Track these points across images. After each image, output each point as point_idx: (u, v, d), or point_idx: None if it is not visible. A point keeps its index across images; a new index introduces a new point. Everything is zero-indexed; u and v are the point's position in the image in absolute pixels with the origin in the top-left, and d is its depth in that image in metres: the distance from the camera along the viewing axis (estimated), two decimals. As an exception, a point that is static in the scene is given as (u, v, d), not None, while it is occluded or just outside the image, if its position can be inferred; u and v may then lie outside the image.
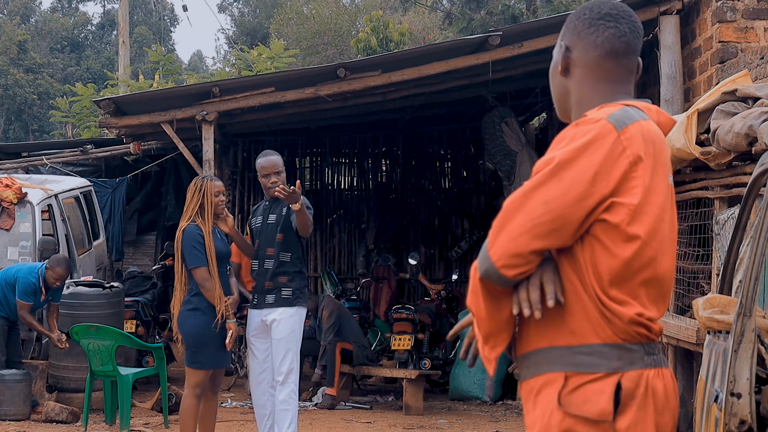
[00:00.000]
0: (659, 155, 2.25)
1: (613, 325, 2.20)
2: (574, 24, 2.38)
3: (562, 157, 2.15)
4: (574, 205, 2.13)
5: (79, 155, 14.26)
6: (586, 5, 2.40)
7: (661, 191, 2.24)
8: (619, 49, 2.37)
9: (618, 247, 2.19)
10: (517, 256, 2.14)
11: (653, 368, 2.23)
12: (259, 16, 40.42)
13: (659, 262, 2.26)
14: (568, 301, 2.22)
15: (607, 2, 2.38)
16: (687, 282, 7.20)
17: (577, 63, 2.36)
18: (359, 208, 15.99)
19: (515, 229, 2.13)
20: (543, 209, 2.12)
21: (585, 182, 2.13)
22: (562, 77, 2.38)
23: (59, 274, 9.06)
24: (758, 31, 8.75)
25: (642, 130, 2.22)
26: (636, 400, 2.18)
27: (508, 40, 9.99)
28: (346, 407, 10.52)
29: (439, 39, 22.70)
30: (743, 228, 4.29)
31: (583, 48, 2.36)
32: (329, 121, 13.53)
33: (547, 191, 2.13)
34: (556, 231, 2.14)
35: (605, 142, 2.16)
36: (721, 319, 3.86)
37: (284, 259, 6.99)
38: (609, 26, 2.35)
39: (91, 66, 41.48)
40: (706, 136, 6.33)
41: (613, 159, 2.15)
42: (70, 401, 9.52)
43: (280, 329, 6.92)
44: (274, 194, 6.77)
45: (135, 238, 15.14)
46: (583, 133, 2.17)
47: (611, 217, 2.18)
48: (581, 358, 2.19)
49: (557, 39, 2.46)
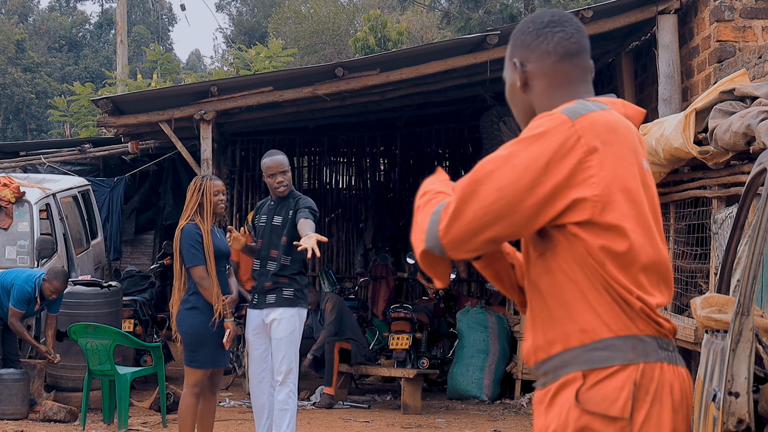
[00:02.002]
0: (625, 142, 2.25)
1: (624, 314, 2.21)
2: (521, 39, 2.41)
3: (516, 146, 2.18)
4: (526, 191, 2.14)
5: (77, 154, 14.25)
6: (526, 20, 2.43)
7: (630, 177, 2.24)
8: (571, 50, 2.38)
9: (601, 239, 2.20)
10: (468, 242, 2.17)
11: (669, 364, 2.24)
12: (257, 16, 40.41)
13: (649, 246, 2.27)
14: (573, 301, 2.23)
15: (546, 11, 2.43)
16: (685, 281, 7.21)
17: (535, 74, 2.38)
18: (357, 207, 16.00)
19: (468, 215, 2.15)
20: (496, 195, 2.14)
21: (537, 169, 2.15)
22: (523, 93, 2.40)
23: (56, 287, 8.98)
24: (756, 31, 8.75)
25: (599, 120, 2.22)
26: (651, 394, 2.19)
27: (506, 40, 9.92)
28: (344, 406, 10.52)
29: (437, 38, 22.70)
30: (741, 227, 4.30)
31: (537, 58, 2.38)
32: (327, 120, 13.53)
33: (501, 178, 2.15)
34: (508, 218, 2.15)
35: (559, 131, 2.18)
36: (719, 318, 3.86)
37: (286, 262, 6.98)
38: (556, 31, 2.38)
39: (89, 65, 41.45)
40: (704, 135, 6.34)
41: (566, 148, 2.17)
42: (68, 400, 9.52)
43: (280, 329, 6.92)
44: (281, 193, 6.75)
45: (133, 237, 15.14)
46: (538, 125, 2.21)
47: (579, 215, 2.19)
48: (596, 354, 2.20)
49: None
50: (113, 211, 14.15)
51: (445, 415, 10.07)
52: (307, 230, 6.63)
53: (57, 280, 8.98)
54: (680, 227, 7.41)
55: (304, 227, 6.69)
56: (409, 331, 10.66)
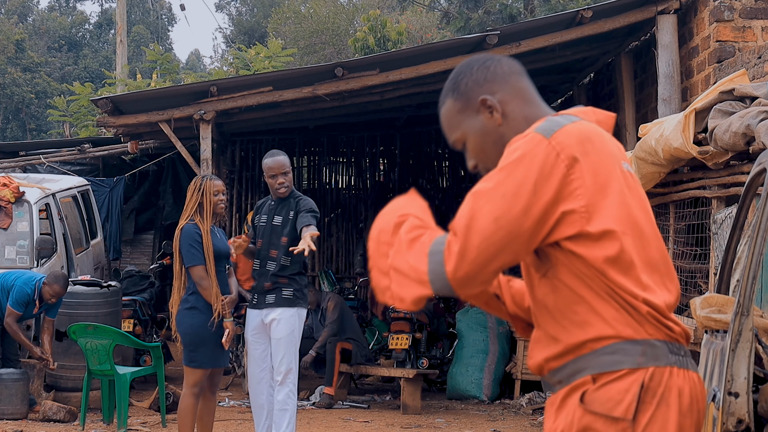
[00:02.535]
0: (602, 149, 2.28)
1: (633, 319, 2.22)
2: (474, 79, 2.43)
3: (500, 174, 2.21)
4: (521, 216, 2.17)
5: (77, 154, 14.25)
6: (463, 68, 2.46)
7: (614, 181, 2.26)
8: (519, 68, 2.46)
9: (596, 248, 2.22)
10: (476, 277, 2.19)
11: (679, 368, 2.24)
12: (257, 15, 40.41)
13: (644, 245, 2.29)
14: (582, 314, 2.25)
15: (471, 58, 2.48)
16: (685, 281, 7.21)
17: (506, 99, 2.41)
18: (357, 207, 16.00)
19: (472, 252, 2.17)
20: (494, 227, 2.17)
21: (527, 193, 2.18)
22: (498, 128, 2.40)
23: (56, 291, 8.95)
24: (756, 31, 8.76)
25: (573, 132, 2.25)
26: (657, 397, 2.19)
27: (506, 40, 10.00)
28: (344, 406, 10.52)
29: (437, 38, 22.69)
30: (741, 227, 4.30)
31: (501, 83, 2.42)
32: (327, 120, 13.53)
33: (494, 209, 2.17)
34: (510, 245, 2.18)
35: (538, 151, 2.21)
36: (718, 319, 3.86)
37: (286, 262, 6.98)
38: (498, 58, 2.45)
39: (88, 65, 41.46)
40: (703, 136, 6.34)
41: (549, 165, 2.19)
42: (67, 400, 9.52)
43: (279, 329, 6.92)
44: (281, 194, 6.74)
45: (132, 237, 15.13)
46: (515, 149, 2.23)
47: (568, 229, 2.22)
48: (606, 358, 2.22)
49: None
50: (113, 211, 14.15)
51: (445, 415, 10.07)
52: (305, 233, 6.67)
53: (57, 285, 8.95)
54: (680, 227, 7.41)
55: (305, 232, 6.72)
56: (408, 331, 10.66)
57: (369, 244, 2.37)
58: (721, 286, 4.30)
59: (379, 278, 2.33)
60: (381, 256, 2.32)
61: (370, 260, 2.36)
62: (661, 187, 7.46)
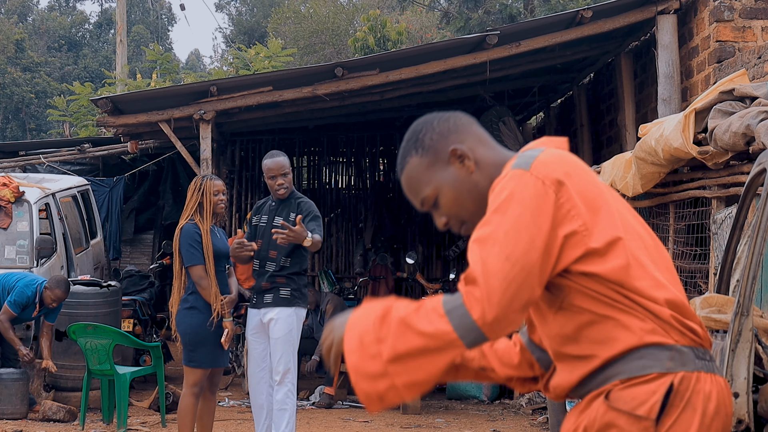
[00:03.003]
0: (579, 167, 2.31)
1: (658, 326, 2.23)
2: (440, 132, 2.41)
3: (495, 216, 2.21)
4: (529, 249, 2.17)
5: (77, 154, 14.25)
6: (421, 126, 2.43)
7: (600, 194, 2.29)
8: (472, 117, 2.47)
9: (607, 261, 2.23)
10: (507, 319, 2.17)
11: (706, 373, 2.25)
12: (257, 15, 40.41)
13: (649, 247, 2.30)
14: (607, 332, 2.24)
15: (424, 117, 2.46)
16: (684, 281, 7.21)
17: (474, 147, 2.41)
18: (357, 207, 15.99)
19: (496, 294, 2.15)
20: (509, 265, 2.16)
21: (528, 226, 2.18)
22: (471, 177, 2.39)
23: (57, 295, 8.93)
24: (756, 31, 8.76)
25: (547, 159, 2.27)
26: (684, 401, 2.20)
27: (506, 40, 10.00)
28: (344, 406, 10.53)
29: (437, 38, 22.70)
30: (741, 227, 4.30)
31: (465, 133, 2.42)
32: (327, 120, 13.53)
33: (503, 248, 2.17)
34: (526, 281, 2.17)
35: (524, 185, 2.22)
36: (718, 319, 3.86)
37: (286, 263, 6.98)
38: (450, 113, 2.45)
39: (88, 65, 41.46)
40: (703, 136, 6.34)
41: (539, 195, 2.21)
42: (67, 400, 9.52)
43: (277, 328, 6.92)
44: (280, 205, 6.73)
45: (132, 237, 15.13)
46: (502, 188, 2.24)
47: (575, 251, 2.23)
48: (633, 364, 2.22)
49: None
50: (113, 211, 14.15)
51: (445, 415, 10.07)
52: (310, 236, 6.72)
53: (59, 289, 8.93)
54: (680, 227, 7.41)
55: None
56: (408, 331, 10.64)
57: (347, 358, 2.19)
58: (721, 286, 4.30)
59: (371, 385, 2.19)
60: (368, 359, 2.18)
61: (352, 377, 2.20)
62: (661, 187, 7.46)
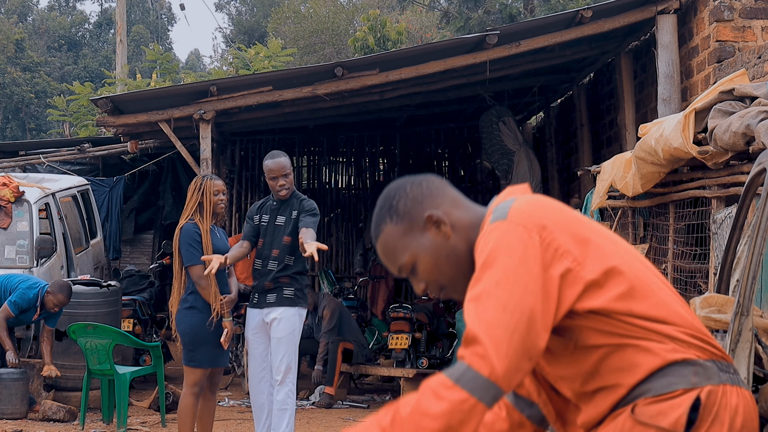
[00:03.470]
0: (555, 206, 2.27)
1: (676, 345, 2.20)
2: (414, 198, 2.34)
3: (485, 272, 2.16)
4: (525, 295, 2.13)
5: (77, 154, 14.25)
6: (393, 191, 2.36)
7: (584, 226, 2.25)
8: (444, 179, 2.41)
9: (608, 291, 2.19)
10: (518, 368, 2.12)
11: (732, 385, 2.22)
12: (257, 15, 40.40)
13: (646, 270, 2.28)
14: (626, 360, 2.21)
15: (395, 182, 2.40)
16: (684, 281, 7.21)
17: (449, 210, 2.35)
18: (357, 207, 16.00)
19: (502, 346, 2.09)
20: (508, 315, 2.11)
21: (518, 273, 2.14)
22: (449, 241, 2.34)
23: (60, 300, 8.90)
24: (756, 30, 8.76)
25: (522, 207, 2.23)
26: (712, 415, 2.17)
27: (506, 39, 10.00)
28: (344, 406, 10.52)
29: (437, 38, 22.69)
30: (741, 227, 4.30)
31: (439, 196, 2.35)
32: (327, 119, 13.54)
33: (498, 300, 2.12)
34: (529, 328, 2.12)
35: (506, 236, 2.18)
36: (718, 319, 3.86)
37: (288, 262, 6.98)
38: (421, 177, 2.39)
39: (88, 65, 41.45)
40: (703, 135, 6.34)
41: (523, 241, 2.17)
42: (67, 400, 9.52)
43: (280, 328, 6.92)
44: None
45: (132, 236, 15.13)
46: (485, 244, 2.20)
47: (574, 289, 2.18)
48: (658, 382, 2.19)
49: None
50: (112, 211, 14.15)
51: (445, 414, 10.06)
52: (308, 239, 6.66)
53: (62, 294, 8.91)
54: (680, 227, 7.41)
55: (306, 236, 6.71)
56: (408, 331, 10.66)
57: None
58: (720, 286, 4.30)
59: None
60: None
61: None
62: (661, 187, 7.46)
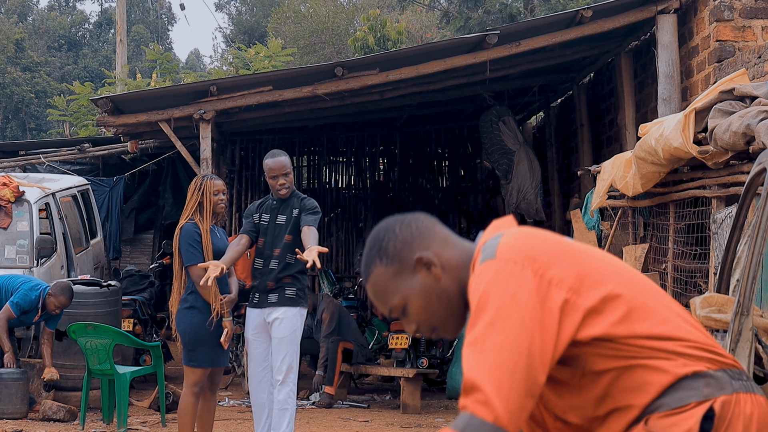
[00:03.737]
0: (540, 238, 2.23)
1: (684, 359, 2.18)
2: (403, 239, 2.30)
3: (479, 316, 2.12)
4: (520, 332, 2.08)
5: (77, 154, 14.25)
6: (382, 232, 2.32)
7: (574, 251, 2.22)
8: (433, 218, 2.37)
9: (607, 316, 2.16)
10: (521, 408, 2.08)
11: (745, 393, 2.20)
12: (257, 15, 40.40)
13: (642, 286, 2.25)
14: (637, 378, 2.19)
15: (385, 222, 2.36)
16: (684, 281, 7.21)
17: (439, 251, 2.31)
18: (357, 206, 16.00)
19: (503, 388, 2.05)
20: (506, 354, 2.07)
21: (512, 309, 2.10)
22: (440, 282, 2.30)
23: (61, 302, 8.89)
24: (756, 30, 8.76)
25: (510, 242, 2.19)
26: (726, 425, 2.15)
27: (506, 39, 10.00)
28: (344, 406, 10.52)
29: (437, 38, 22.70)
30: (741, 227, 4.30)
31: (429, 237, 2.32)
32: (327, 119, 13.54)
33: (494, 341, 2.08)
34: (530, 364, 2.08)
35: (497, 274, 2.14)
36: (718, 318, 3.86)
37: (290, 261, 6.98)
38: (411, 216, 2.35)
39: (88, 64, 41.45)
40: (703, 135, 6.34)
41: (514, 276, 2.13)
42: (67, 400, 9.52)
43: (282, 328, 6.91)
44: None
45: (132, 236, 15.13)
46: (477, 287, 2.16)
47: (573, 319, 2.14)
48: (671, 397, 2.17)
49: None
50: (113, 211, 14.15)
51: (445, 414, 10.07)
52: (311, 241, 6.64)
53: (64, 296, 8.89)
54: (680, 227, 7.41)
55: (308, 237, 6.70)
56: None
57: None
58: (721, 286, 4.30)
59: None
60: None
61: None
62: (661, 186, 7.46)
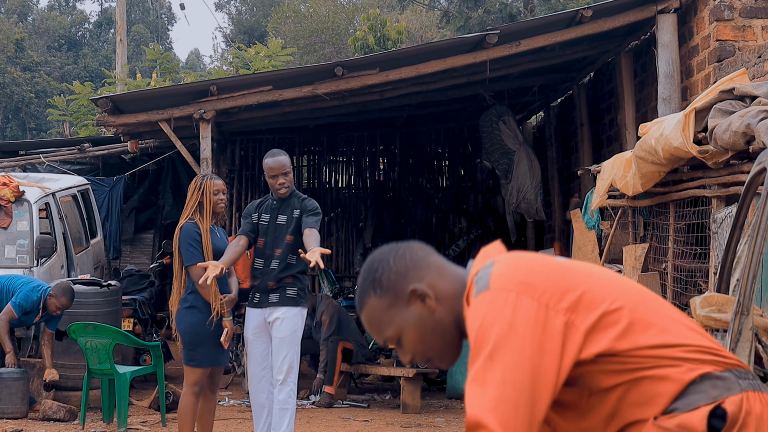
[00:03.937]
0: (532, 261, 2.22)
1: (689, 364, 2.17)
2: (397, 271, 2.27)
3: (478, 350, 2.11)
4: (520, 360, 2.07)
5: (77, 153, 14.25)
6: (376, 263, 2.30)
7: (567, 271, 2.20)
8: (428, 247, 2.35)
9: (609, 332, 2.15)
10: None
11: (754, 391, 2.19)
12: (257, 15, 40.39)
13: (640, 296, 2.24)
14: (645, 394, 2.18)
15: (379, 252, 2.34)
16: (684, 280, 7.21)
17: (433, 282, 2.29)
18: (357, 206, 16.01)
19: (509, 420, 2.04)
20: (509, 387, 2.06)
21: (510, 339, 2.08)
22: (434, 314, 2.27)
23: (63, 303, 8.88)
24: (756, 30, 8.76)
25: (502, 271, 2.18)
26: (738, 423, 2.14)
27: (506, 39, 10.00)
28: (344, 405, 10.52)
29: (437, 37, 22.70)
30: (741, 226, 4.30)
31: (423, 268, 2.29)
32: (327, 119, 13.54)
33: (495, 374, 2.07)
34: (535, 392, 2.07)
35: (492, 305, 2.12)
36: (718, 318, 3.86)
37: (291, 261, 6.98)
38: (405, 245, 2.33)
39: (88, 64, 41.45)
40: (703, 135, 6.34)
41: (509, 305, 2.11)
42: (67, 399, 9.52)
43: (283, 328, 6.91)
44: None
45: (132, 236, 15.13)
46: (473, 321, 2.14)
47: (575, 341, 2.13)
48: (681, 402, 2.16)
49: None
50: (113, 211, 14.15)
51: (445, 414, 10.07)
52: (312, 243, 6.64)
53: (65, 297, 8.88)
54: (680, 226, 7.41)
55: (310, 239, 6.70)
56: (408, 331, 10.65)
57: None
58: (721, 286, 4.30)
59: None
60: None
61: None
62: (661, 186, 7.46)
